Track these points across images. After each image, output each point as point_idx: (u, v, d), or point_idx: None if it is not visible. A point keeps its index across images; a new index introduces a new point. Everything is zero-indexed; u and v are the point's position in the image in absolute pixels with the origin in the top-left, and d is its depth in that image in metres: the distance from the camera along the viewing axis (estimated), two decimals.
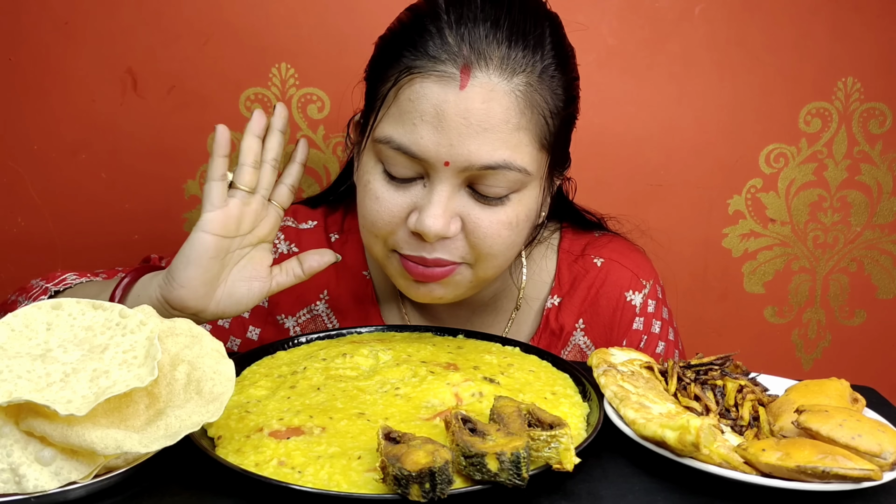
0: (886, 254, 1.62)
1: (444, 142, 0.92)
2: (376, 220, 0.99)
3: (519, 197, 0.98)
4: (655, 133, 1.54)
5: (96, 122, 1.48)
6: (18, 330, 0.73)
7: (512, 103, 0.93)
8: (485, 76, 0.92)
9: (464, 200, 0.97)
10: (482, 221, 0.97)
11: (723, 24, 1.50)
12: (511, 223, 0.98)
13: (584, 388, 0.89)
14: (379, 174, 0.98)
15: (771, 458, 0.70)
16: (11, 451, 0.66)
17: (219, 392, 0.73)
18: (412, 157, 0.94)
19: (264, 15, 1.45)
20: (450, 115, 0.92)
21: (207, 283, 0.92)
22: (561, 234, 1.22)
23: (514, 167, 0.94)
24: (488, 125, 0.92)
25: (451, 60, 0.92)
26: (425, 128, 0.93)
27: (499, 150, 0.93)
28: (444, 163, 0.93)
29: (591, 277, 1.18)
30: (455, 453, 0.68)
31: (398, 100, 0.95)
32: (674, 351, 1.22)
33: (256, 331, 1.18)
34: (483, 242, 0.98)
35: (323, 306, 1.18)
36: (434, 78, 0.92)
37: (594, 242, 1.21)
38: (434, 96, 0.92)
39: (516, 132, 0.94)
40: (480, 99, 0.92)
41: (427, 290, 1.02)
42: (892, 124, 1.55)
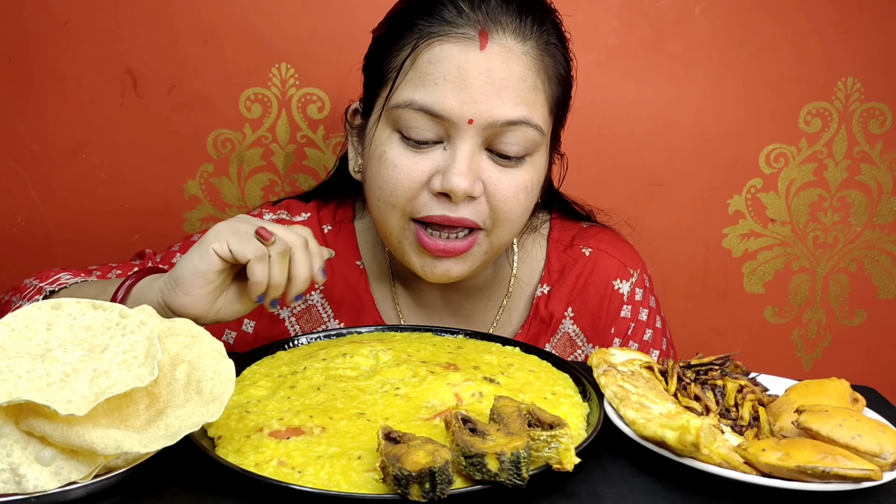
0: (886, 254, 1.62)
1: (467, 99, 0.97)
2: (396, 187, 1.01)
3: (532, 160, 1.04)
4: (655, 133, 1.54)
5: (96, 122, 1.48)
6: (18, 330, 0.73)
7: (528, 64, 1.00)
8: (501, 38, 0.99)
9: (484, 163, 1.01)
10: (502, 184, 1.02)
11: (723, 24, 1.50)
12: (527, 186, 1.03)
13: (584, 388, 0.89)
14: (396, 142, 1.01)
15: (771, 458, 0.70)
16: (11, 451, 0.66)
17: (219, 392, 0.73)
18: (435, 118, 0.98)
19: (264, 15, 1.45)
20: (472, 73, 0.97)
21: (210, 293, 0.92)
22: (550, 224, 1.25)
23: (532, 123, 1.00)
24: (509, 83, 0.98)
25: (468, 24, 0.99)
26: (448, 87, 0.97)
27: (519, 107, 0.99)
28: (469, 121, 0.98)
29: (580, 266, 1.21)
30: (455, 453, 0.68)
31: (417, 65, 0.99)
32: (661, 339, 1.24)
33: (252, 323, 1.18)
34: (504, 205, 1.02)
35: (318, 296, 1.19)
36: (454, 40, 0.98)
37: (583, 233, 1.24)
38: (456, 57, 0.98)
39: (533, 91, 1.01)
40: (500, 59, 0.98)
41: (444, 269, 1.05)
42: (892, 124, 1.55)
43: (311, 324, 1.19)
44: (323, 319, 1.19)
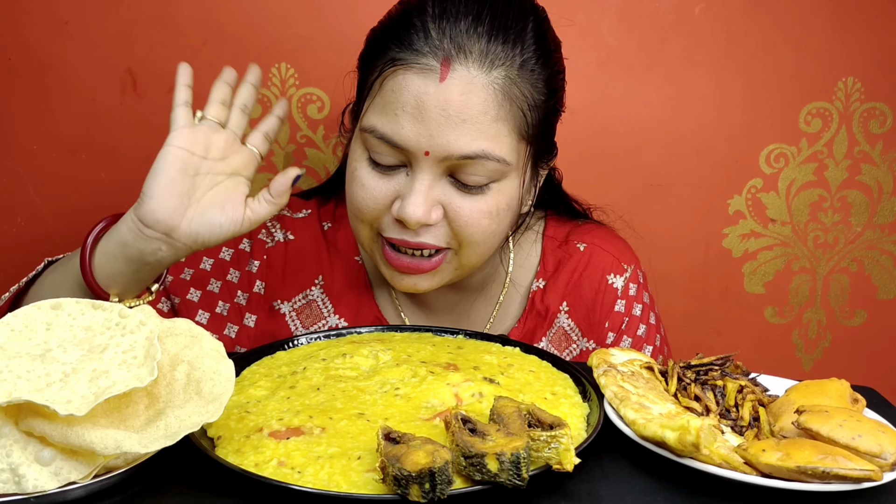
0: (887, 254, 1.62)
1: (423, 132, 0.97)
2: (361, 206, 1.04)
3: (499, 186, 1.02)
4: (655, 133, 1.54)
5: (96, 122, 1.48)
6: (18, 330, 0.73)
7: (490, 95, 0.97)
8: (464, 69, 0.96)
9: (445, 189, 1.01)
10: (463, 210, 1.01)
11: (723, 24, 1.50)
12: (491, 212, 1.02)
13: (584, 388, 0.89)
14: (365, 161, 1.03)
15: (771, 458, 0.70)
16: (11, 451, 0.66)
17: (218, 392, 0.73)
18: (394, 147, 0.99)
19: (264, 15, 1.45)
20: (429, 106, 0.96)
21: (176, 195, 0.94)
22: (545, 221, 1.26)
23: (493, 157, 0.98)
24: (466, 116, 0.97)
25: (432, 53, 0.97)
26: (406, 118, 0.97)
27: (477, 141, 0.97)
28: (425, 153, 0.98)
29: (575, 261, 1.22)
30: (455, 453, 0.68)
31: (382, 90, 1.00)
32: (655, 335, 1.25)
33: (253, 317, 1.19)
34: (464, 230, 1.02)
35: (318, 291, 1.20)
36: (416, 70, 0.97)
37: (577, 229, 1.25)
38: (415, 88, 0.97)
39: (494, 123, 0.98)
40: (459, 91, 0.96)
41: (411, 282, 1.07)
42: (892, 124, 1.55)
43: (311, 318, 1.20)
44: (323, 314, 1.20)
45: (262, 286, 1.19)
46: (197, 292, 1.16)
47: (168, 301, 1.16)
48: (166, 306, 1.16)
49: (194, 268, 1.17)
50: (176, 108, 0.98)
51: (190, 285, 1.16)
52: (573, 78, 1.41)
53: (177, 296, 1.15)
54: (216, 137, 0.99)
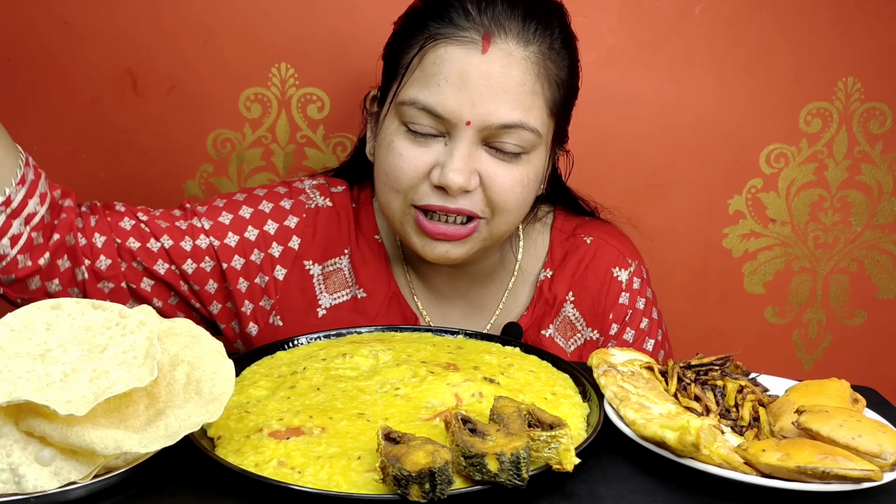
0: (887, 254, 1.62)
1: (466, 101, 1.03)
2: (399, 175, 1.07)
3: (529, 158, 1.08)
4: (656, 133, 1.54)
5: (96, 122, 1.48)
6: (18, 330, 0.73)
7: (527, 69, 1.05)
8: (504, 43, 1.04)
9: (482, 157, 1.06)
10: (498, 177, 1.07)
11: (723, 24, 1.50)
12: (523, 180, 1.08)
13: (584, 388, 0.89)
14: (402, 133, 1.07)
15: (771, 458, 0.70)
16: (11, 451, 0.66)
17: (218, 392, 0.73)
18: (436, 117, 1.04)
19: (264, 15, 1.45)
20: (472, 76, 1.03)
21: None
22: (554, 214, 1.31)
23: (528, 127, 1.05)
24: (507, 87, 1.03)
25: (473, 29, 1.04)
26: (449, 88, 1.03)
27: (515, 111, 1.04)
28: (466, 122, 1.03)
29: (581, 253, 1.26)
30: (455, 453, 0.68)
31: (423, 64, 1.05)
32: (657, 330, 1.28)
33: (283, 271, 1.21)
34: (499, 196, 1.07)
35: (346, 261, 1.23)
36: (458, 43, 1.03)
37: (584, 224, 1.30)
38: (458, 59, 1.03)
39: (531, 95, 1.05)
40: (500, 63, 1.03)
41: (443, 250, 1.10)
42: (892, 124, 1.55)
43: (336, 286, 1.23)
44: (347, 283, 1.23)
45: (297, 242, 1.21)
46: (235, 237, 1.18)
47: (207, 238, 1.16)
48: (205, 243, 1.16)
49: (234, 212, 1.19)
50: None
51: (229, 230, 1.17)
52: None
53: (217, 238, 1.17)
54: None
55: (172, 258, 1.14)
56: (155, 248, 1.13)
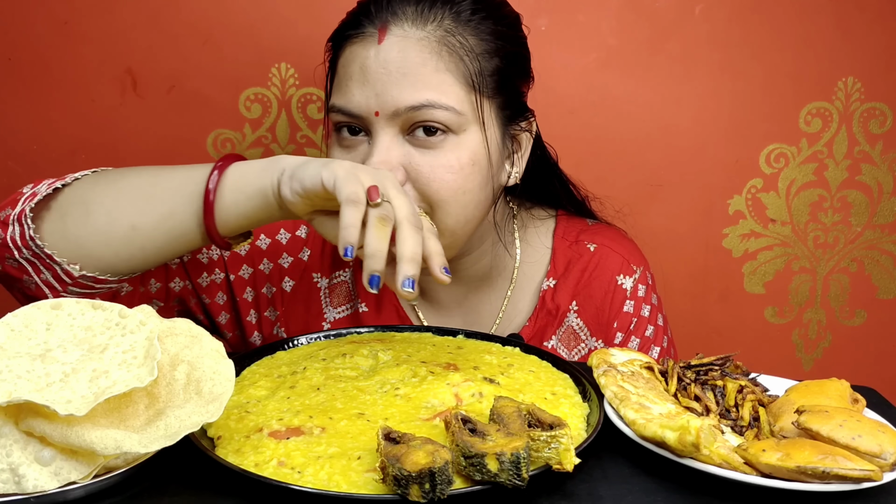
0: (887, 254, 1.62)
1: (370, 93, 1.01)
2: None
3: (458, 140, 1.03)
4: (655, 133, 1.54)
5: (96, 122, 1.48)
6: (18, 330, 0.73)
7: (426, 48, 1.02)
8: (399, 29, 1.02)
9: (405, 149, 1.03)
10: (423, 166, 1.02)
11: (723, 24, 1.50)
12: (452, 166, 1.03)
13: (584, 388, 0.88)
14: (335, 144, 1.08)
15: (771, 458, 0.70)
16: (11, 451, 0.66)
17: (218, 392, 0.73)
18: (350, 116, 1.03)
19: (264, 15, 1.45)
20: (371, 68, 1.02)
21: (311, 206, 0.90)
22: (556, 220, 1.28)
23: (440, 105, 1.01)
24: (406, 70, 1.01)
25: (370, 23, 1.03)
26: (354, 85, 1.03)
27: (420, 91, 1.01)
28: (375, 113, 1.02)
29: (585, 261, 1.23)
30: (455, 454, 0.68)
31: (336, 71, 1.07)
32: (663, 336, 1.25)
33: (291, 282, 1.21)
34: (428, 187, 1.03)
35: (350, 274, 1.23)
36: (358, 41, 1.04)
37: (587, 230, 1.27)
38: (358, 56, 1.03)
39: (436, 73, 1.02)
40: (397, 49, 1.01)
41: None
42: (892, 124, 1.55)
43: (340, 298, 1.22)
44: (350, 297, 1.22)
45: (306, 253, 1.21)
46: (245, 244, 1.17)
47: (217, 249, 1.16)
48: (216, 253, 1.15)
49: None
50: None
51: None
52: (573, 78, 1.42)
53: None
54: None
55: (189, 273, 1.13)
56: (174, 264, 1.11)
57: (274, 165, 0.91)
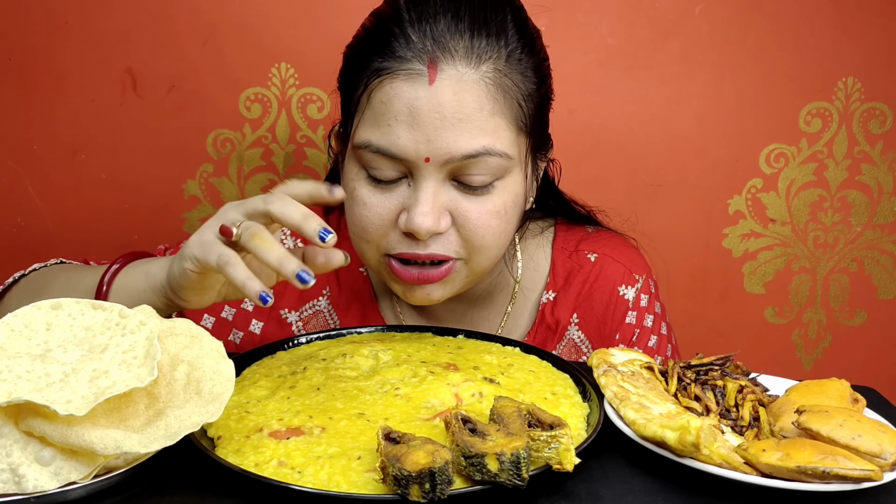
0: (887, 254, 1.62)
1: (421, 138, 0.94)
2: (367, 225, 0.99)
3: (503, 184, 0.99)
4: (655, 133, 1.54)
5: (96, 122, 1.48)
6: (18, 330, 0.73)
7: (483, 91, 0.94)
8: (452, 68, 0.94)
9: (451, 194, 0.98)
10: (471, 213, 0.98)
11: (723, 24, 1.50)
12: (499, 212, 0.99)
13: (584, 388, 0.88)
14: (363, 180, 0.99)
15: (771, 458, 0.70)
16: (11, 451, 0.66)
17: (218, 392, 0.73)
18: (392, 159, 0.95)
19: (264, 15, 1.45)
20: (423, 111, 0.93)
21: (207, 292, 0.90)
22: (555, 230, 1.24)
23: (495, 152, 0.96)
24: (462, 115, 0.94)
25: (416, 58, 0.94)
26: (401, 127, 0.94)
27: (477, 138, 0.95)
28: (425, 159, 0.94)
29: (585, 272, 1.20)
30: (455, 453, 0.68)
31: (371, 104, 0.96)
32: (667, 345, 1.23)
33: (259, 324, 1.18)
34: (475, 234, 0.99)
35: (325, 302, 1.19)
36: (403, 77, 0.94)
37: (588, 238, 1.23)
38: (405, 95, 0.94)
39: (492, 118, 0.95)
40: (451, 91, 0.93)
41: (424, 293, 1.02)
42: (892, 124, 1.55)
43: (317, 328, 1.19)
44: (329, 325, 1.19)
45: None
46: None
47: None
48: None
49: None
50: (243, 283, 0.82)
51: None
52: (573, 78, 1.42)
53: None
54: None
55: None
56: None
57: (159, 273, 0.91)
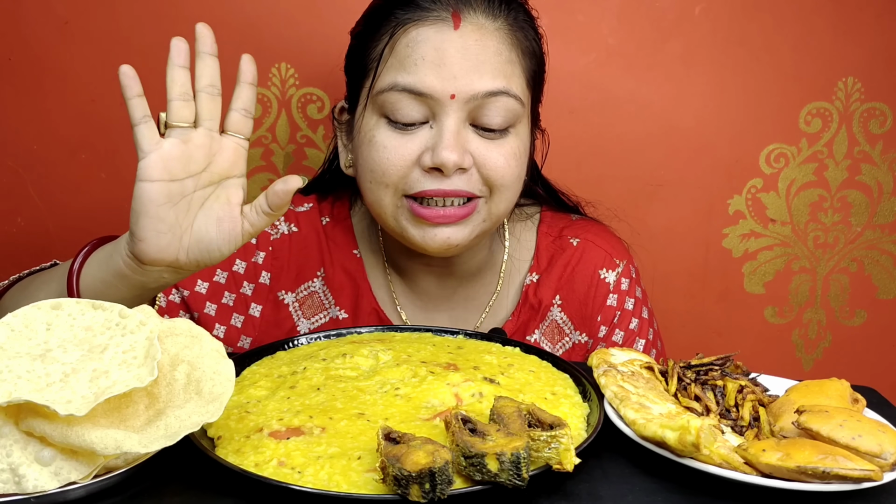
0: (887, 254, 1.62)
1: (447, 76, 1.02)
2: (387, 167, 1.05)
3: (516, 131, 1.08)
4: (655, 133, 1.54)
5: (96, 122, 1.48)
6: (18, 330, 0.73)
7: (501, 39, 1.06)
8: (473, 17, 1.05)
9: (471, 137, 1.06)
10: (491, 153, 1.06)
11: (723, 24, 1.50)
12: (515, 154, 1.08)
13: (584, 388, 0.89)
14: (383, 126, 1.06)
15: (771, 458, 0.70)
16: (11, 451, 0.66)
17: (218, 392, 0.73)
18: (419, 97, 1.03)
19: (264, 15, 1.45)
20: (449, 51, 1.03)
21: (166, 231, 0.87)
22: (541, 216, 1.29)
23: (512, 93, 1.05)
24: (484, 57, 1.04)
25: (441, 7, 1.04)
26: (427, 67, 1.03)
27: (497, 79, 1.04)
28: (451, 96, 1.03)
29: (568, 256, 1.24)
30: (455, 453, 0.68)
31: (396, 50, 1.05)
32: (648, 329, 1.26)
33: (258, 308, 1.20)
34: (496, 174, 1.06)
35: (319, 283, 1.22)
36: (429, 23, 1.04)
37: (571, 225, 1.28)
38: (432, 38, 1.03)
39: (508, 64, 1.06)
40: (474, 36, 1.04)
41: (444, 236, 1.07)
42: (892, 124, 1.55)
43: (313, 309, 1.22)
44: (324, 306, 1.22)
45: (267, 277, 1.20)
46: (204, 284, 1.17)
47: (178, 293, 1.16)
48: (177, 297, 1.16)
49: None
50: (135, 128, 0.87)
51: (197, 277, 1.16)
52: (573, 78, 1.42)
53: (186, 288, 1.16)
54: (192, 146, 0.88)
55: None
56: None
57: (119, 244, 0.92)
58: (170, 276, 0.92)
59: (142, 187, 0.86)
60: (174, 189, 0.87)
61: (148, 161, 0.86)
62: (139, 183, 0.86)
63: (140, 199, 0.86)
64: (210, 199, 0.91)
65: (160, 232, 0.87)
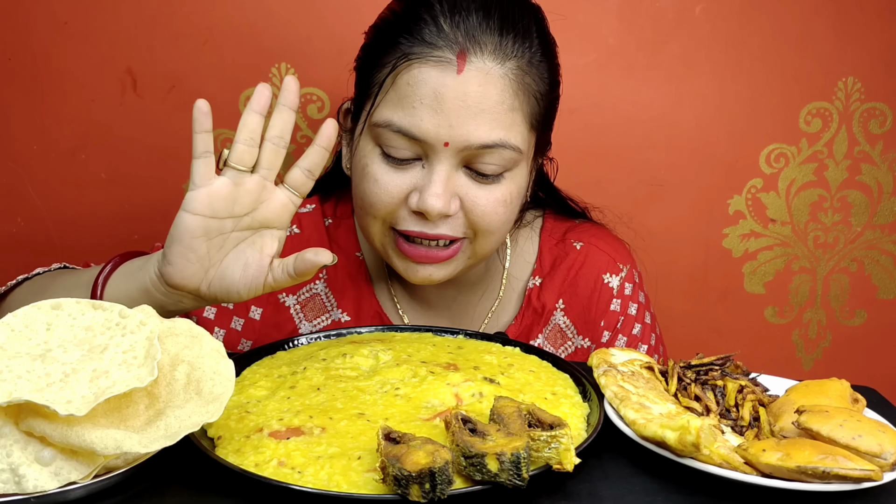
0: (887, 254, 1.62)
1: (443, 123, 0.99)
2: (375, 201, 1.04)
3: (511, 175, 1.05)
4: (655, 133, 1.54)
5: (96, 123, 1.48)
6: (18, 330, 0.73)
7: (506, 86, 1.00)
8: (480, 61, 0.99)
9: (462, 180, 1.03)
10: (480, 199, 1.03)
11: (723, 24, 1.50)
12: (506, 200, 1.05)
13: (584, 388, 0.89)
14: (377, 157, 1.04)
15: (771, 458, 0.70)
16: (11, 451, 0.66)
17: (219, 392, 0.73)
18: (412, 139, 1.00)
19: (264, 15, 1.45)
20: (448, 97, 0.98)
21: (195, 261, 0.89)
22: (543, 219, 1.28)
23: (509, 146, 1.02)
24: (485, 106, 0.99)
25: (447, 47, 0.99)
26: (425, 110, 0.99)
27: (495, 130, 1.00)
28: (444, 143, 1.00)
29: (571, 260, 1.24)
30: (455, 453, 0.68)
31: (396, 85, 1.01)
32: (650, 335, 1.26)
33: (259, 310, 1.20)
34: (482, 220, 1.04)
35: (322, 285, 1.21)
36: (432, 63, 0.99)
37: (575, 228, 1.27)
38: (433, 80, 0.99)
39: (510, 113, 1.01)
40: (477, 82, 0.99)
41: (426, 273, 1.07)
42: (892, 124, 1.55)
43: (315, 311, 1.21)
44: (326, 308, 1.21)
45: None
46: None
47: None
48: None
49: None
50: (194, 161, 0.90)
51: None
52: (573, 78, 1.41)
53: None
54: (242, 190, 0.90)
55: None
56: None
57: (151, 260, 0.93)
58: (189, 303, 0.94)
59: (183, 217, 0.88)
60: (213, 225, 0.89)
61: (196, 194, 0.89)
62: (182, 212, 0.89)
63: (178, 227, 0.89)
64: (245, 243, 0.92)
65: (189, 261, 0.89)
